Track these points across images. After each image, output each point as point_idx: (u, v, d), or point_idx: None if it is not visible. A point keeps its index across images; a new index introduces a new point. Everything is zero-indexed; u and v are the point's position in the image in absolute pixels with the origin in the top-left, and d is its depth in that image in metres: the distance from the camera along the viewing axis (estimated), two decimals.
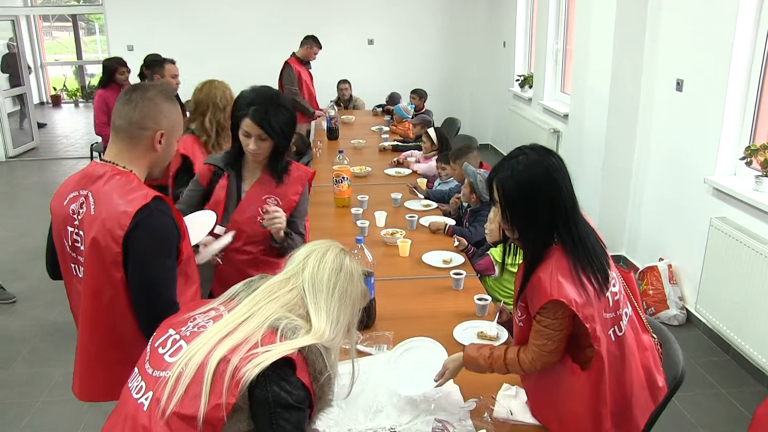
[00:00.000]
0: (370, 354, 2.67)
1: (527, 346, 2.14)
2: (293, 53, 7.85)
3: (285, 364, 1.55)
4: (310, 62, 7.96)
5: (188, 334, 1.66)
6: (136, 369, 1.71)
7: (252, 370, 1.50)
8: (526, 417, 2.27)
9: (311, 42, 7.83)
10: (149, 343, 1.73)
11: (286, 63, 7.70)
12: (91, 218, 2.11)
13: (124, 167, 2.17)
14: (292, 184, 3.14)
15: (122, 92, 2.23)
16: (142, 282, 2.09)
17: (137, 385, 1.65)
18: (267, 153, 2.96)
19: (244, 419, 1.55)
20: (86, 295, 2.20)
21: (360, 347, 2.71)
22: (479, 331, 2.84)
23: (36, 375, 4.35)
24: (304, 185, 3.16)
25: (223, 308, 1.73)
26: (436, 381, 2.32)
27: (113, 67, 7.13)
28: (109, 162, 2.19)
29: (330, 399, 1.70)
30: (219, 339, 1.59)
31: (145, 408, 1.58)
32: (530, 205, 2.04)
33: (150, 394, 1.59)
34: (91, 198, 2.13)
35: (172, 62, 6.03)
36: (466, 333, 2.85)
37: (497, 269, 3.63)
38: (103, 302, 2.15)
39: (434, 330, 2.86)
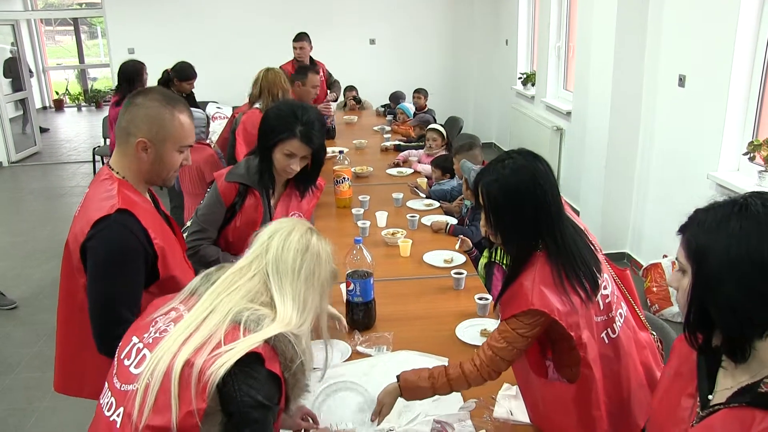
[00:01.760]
0: (370, 355, 2.65)
1: (474, 355, 2.07)
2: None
3: (252, 358, 1.50)
4: (313, 62, 7.75)
5: (151, 341, 1.61)
6: (105, 384, 1.66)
7: (217, 372, 1.46)
8: (526, 417, 2.25)
9: (293, 43, 7.63)
10: (116, 355, 1.68)
11: (281, 68, 7.41)
12: (75, 219, 2.11)
13: (117, 172, 2.14)
14: (310, 198, 3.18)
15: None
16: (92, 294, 2.04)
17: (108, 402, 1.61)
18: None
19: (219, 420, 1.51)
20: (62, 294, 2.21)
21: (360, 348, 2.69)
22: (483, 329, 2.82)
23: (39, 380, 4.34)
24: (318, 197, 3.22)
25: (183, 307, 1.66)
26: (372, 420, 2.18)
27: (139, 68, 5.99)
28: (109, 165, 2.18)
29: (306, 385, 1.65)
30: (181, 342, 1.53)
31: (118, 425, 1.54)
32: (515, 210, 1.97)
33: (121, 410, 1.54)
34: (84, 198, 2.15)
35: (317, 72, 5.54)
36: (469, 331, 2.82)
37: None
38: (77, 303, 2.13)
39: (434, 330, 2.85)
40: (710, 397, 1.41)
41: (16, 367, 4.53)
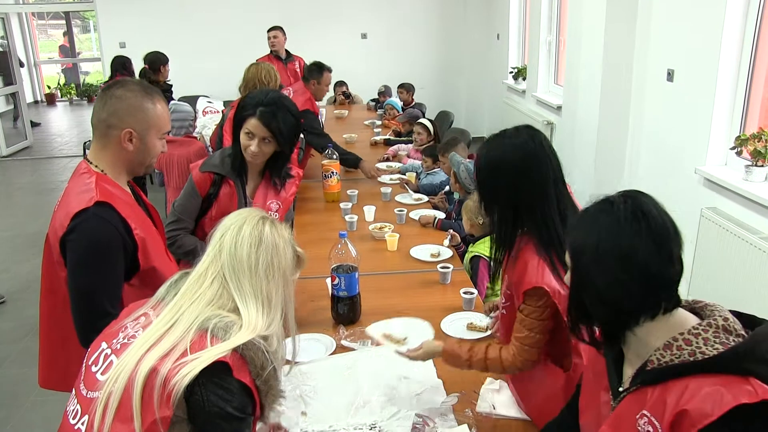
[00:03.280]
0: (354, 349, 2.65)
1: (509, 343, 2.12)
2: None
3: (219, 367, 1.44)
4: (290, 54, 7.70)
5: (119, 347, 1.55)
6: (72, 391, 1.62)
7: (182, 381, 1.40)
8: (509, 411, 2.24)
9: (267, 33, 7.57)
10: (84, 361, 1.63)
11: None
12: (54, 213, 2.11)
13: (96, 166, 2.14)
14: (288, 186, 3.16)
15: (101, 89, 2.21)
16: (73, 287, 2.04)
17: (73, 409, 1.56)
18: (267, 157, 2.95)
19: (187, 429, 1.46)
20: (44, 289, 2.21)
21: (344, 342, 2.69)
22: (469, 323, 2.81)
23: (26, 375, 4.32)
24: (297, 185, 3.21)
25: (153, 312, 1.60)
26: (405, 354, 2.26)
27: (128, 59, 7.55)
28: (87, 159, 2.18)
29: (281, 391, 1.59)
30: (146, 349, 1.48)
31: None
32: (494, 179, 2.06)
33: (86, 418, 1.50)
34: (63, 193, 2.15)
35: (330, 70, 5.51)
36: (455, 325, 2.81)
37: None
38: (59, 297, 2.13)
39: None
40: (621, 388, 1.47)
41: (3, 362, 4.52)
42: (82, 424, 1.50)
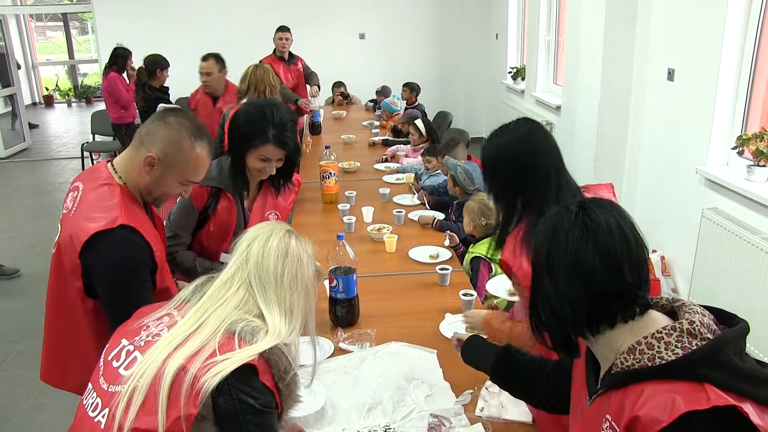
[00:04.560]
0: (352, 351, 2.62)
1: None
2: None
3: (247, 369, 1.49)
4: (292, 55, 7.65)
5: (142, 344, 1.59)
6: (90, 384, 1.64)
7: (212, 380, 1.44)
8: (511, 414, 2.22)
9: (276, 32, 7.48)
10: (102, 356, 1.65)
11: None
12: (70, 219, 2.07)
13: (120, 177, 2.12)
14: (288, 194, 3.12)
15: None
16: (109, 305, 2.03)
17: (93, 402, 1.58)
18: None
19: (209, 428, 1.49)
20: (52, 292, 2.18)
21: (342, 345, 2.66)
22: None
23: (24, 377, 4.30)
24: (296, 192, 3.17)
25: (177, 313, 1.65)
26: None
27: (128, 52, 7.76)
28: (113, 165, 2.15)
29: (298, 395, 1.64)
30: (173, 348, 1.52)
31: (102, 426, 1.51)
32: (502, 176, 2.22)
33: (106, 411, 1.52)
34: (79, 197, 2.10)
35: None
36: (453, 327, 2.75)
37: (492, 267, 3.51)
38: (67, 302, 2.11)
39: (418, 326, 2.82)
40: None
41: (1, 364, 4.50)
42: (102, 416, 1.53)
